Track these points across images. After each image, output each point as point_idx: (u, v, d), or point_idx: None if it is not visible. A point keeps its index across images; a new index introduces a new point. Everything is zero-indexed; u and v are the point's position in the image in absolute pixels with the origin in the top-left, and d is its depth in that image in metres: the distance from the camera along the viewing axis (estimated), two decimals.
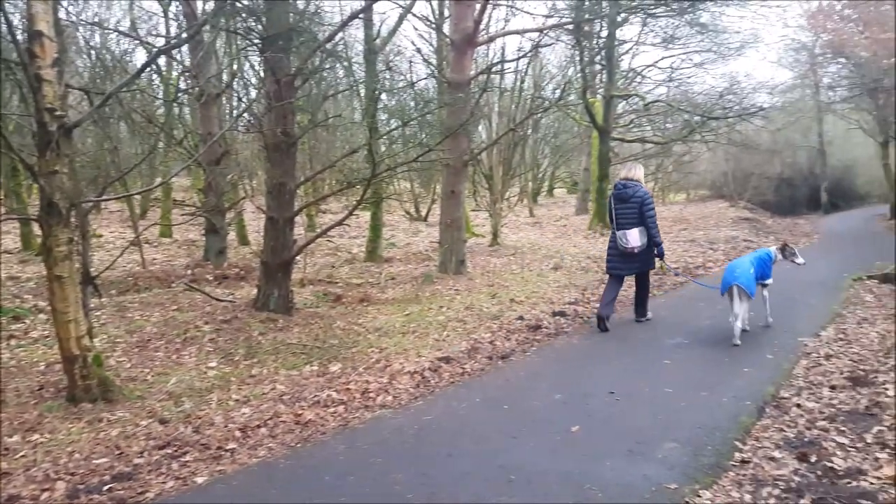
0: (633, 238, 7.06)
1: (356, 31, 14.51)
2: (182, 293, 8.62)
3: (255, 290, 8.07)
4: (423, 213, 21.90)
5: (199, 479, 3.78)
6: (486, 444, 4.12)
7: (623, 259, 7.25)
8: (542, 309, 8.20)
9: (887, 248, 14.44)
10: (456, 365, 5.99)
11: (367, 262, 12.83)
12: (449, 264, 10.88)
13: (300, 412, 4.84)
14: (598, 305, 7.52)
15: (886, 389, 4.89)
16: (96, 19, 13.26)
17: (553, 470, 3.71)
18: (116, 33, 14.61)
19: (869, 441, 3.99)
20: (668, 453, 3.91)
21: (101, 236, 14.15)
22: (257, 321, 7.26)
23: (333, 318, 7.78)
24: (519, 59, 16.79)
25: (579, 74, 18.89)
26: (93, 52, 12.41)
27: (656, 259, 7.39)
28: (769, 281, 7.03)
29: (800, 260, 7.22)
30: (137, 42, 14.00)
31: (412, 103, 10.13)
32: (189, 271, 10.74)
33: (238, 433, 4.49)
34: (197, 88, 10.96)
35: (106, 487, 3.68)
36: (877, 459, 3.72)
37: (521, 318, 7.70)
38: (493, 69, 14.45)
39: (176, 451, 4.20)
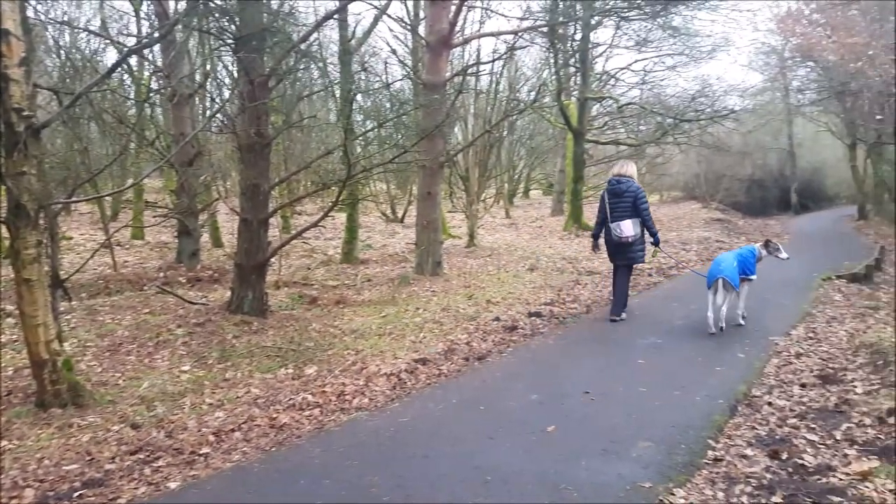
0: (627, 228, 7.44)
1: (331, 32, 14.47)
2: (154, 296, 8.51)
3: (228, 293, 7.99)
4: (400, 215, 21.87)
5: (172, 485, 3.74)
6: (462, 446, 4.12)
7: (616, 249, 7.66)
8: (518, 310, 8.23)
9: (855, 248, 14.78)
10: (432, 366, 5.99)
11: (343, 263, 12.77)
12: (425, 266, 10.88)
13: (275, 416, 4.80)
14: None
15: (855, 387, 4.99)
16: (66, 18, 13.06)
17: (529, 470, 3.72)
18: (86, 32, 14.38)
19: (838, 438, 4.07)
20: (642, 452, 3.95)
21: (70, 238, 13.91)
22: (231, 324, 7.19)
23: (309, 321, 7.73)
24: (494, 61, 16.81)
25: (554, 77, 19.01)
26: (62, 51, 12.22)
27: (652, 246, 7.88)
28: (753, 277, 7.23)
29: (783, 255, 7.50)
30: (108, 41, 13.78)
31: (388, 104, 10.13)
32: (161, 274, 10.61)
33: (212, 437, 4.44)
34: (169, 89, 10.83)
35: (76, 494, 3.62)
36: (846, 456, 3.79)
37: (497, 319, 7.72)
38: (469, 71, 14.47)
39: (148, 456, 4.14)
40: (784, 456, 3.85)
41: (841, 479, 3.49)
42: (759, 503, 3.34)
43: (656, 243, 7.78)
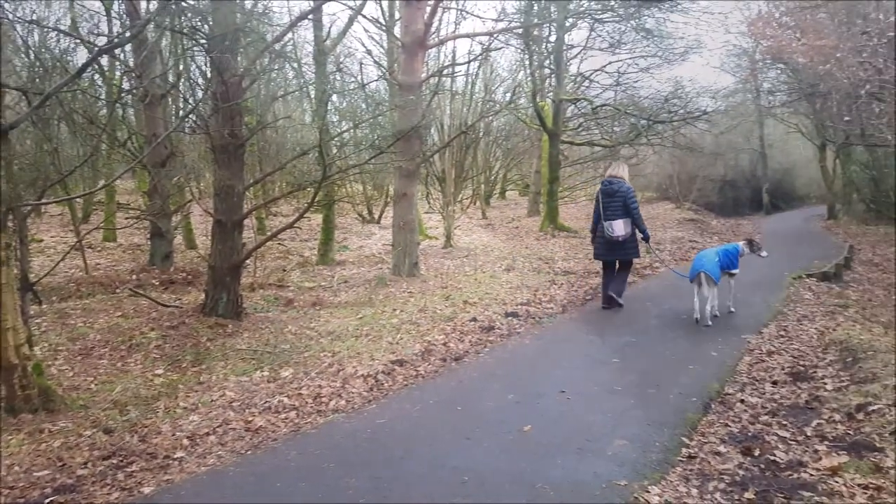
0: (619, 228, 7.97)
1: (306, 32, 14.46)
2: (127, 299, 8.40)
3: (203, 295, 7.91)
4: (376, 216, 21.79)
5: (146, 490, 3.69)
6: (439, 446, 4.13)
7: (609, 247, 8.11)
8: (494, 310, 8.25)
9: (825, 247, 15.03)
10: (409, 367, 5.98)
11: (320, 265, 12.70)
12: (402, 267, 10.86)
13: (250, 419, 4.77)
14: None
15: (825, 384, 5.08)
16: (35, 16, 12.80)
17: (506, 470, 3.74)
18: (56, 31, 14.12)
19: (809, 434, 4.14)
20: (617, 450, 3.98)
21: (41, 241, 13.66)
22: (205, 327, 7.12)
23: (285, 323, 7.68)
24: (469, 62, 16.89)
25: (529, 78, 19.08)
26: (31, 50, 11.99)
27: (642, 243, 8.38)
28: (735, 271, 7.74)
29: (764, 253, 8.07)
30: (78, 41, 13.56)
31: (363, 105, 10.09)
32: (134, 276, 10.46)
33: (186, 441, 4.39)
34: (141, 89, 10.70)
35: (48, 501, 3.57)
36: (816, 452, 3.86)
37: (474, 319, 7.73)
38: (444, 72, 14.50)
39: (121, 461, 4.09)
40: (756, 452, 3.91)
41: (812, 475, 3.56)
42: (732, 499, 3.39)
43: (646, 239, 8.33)
